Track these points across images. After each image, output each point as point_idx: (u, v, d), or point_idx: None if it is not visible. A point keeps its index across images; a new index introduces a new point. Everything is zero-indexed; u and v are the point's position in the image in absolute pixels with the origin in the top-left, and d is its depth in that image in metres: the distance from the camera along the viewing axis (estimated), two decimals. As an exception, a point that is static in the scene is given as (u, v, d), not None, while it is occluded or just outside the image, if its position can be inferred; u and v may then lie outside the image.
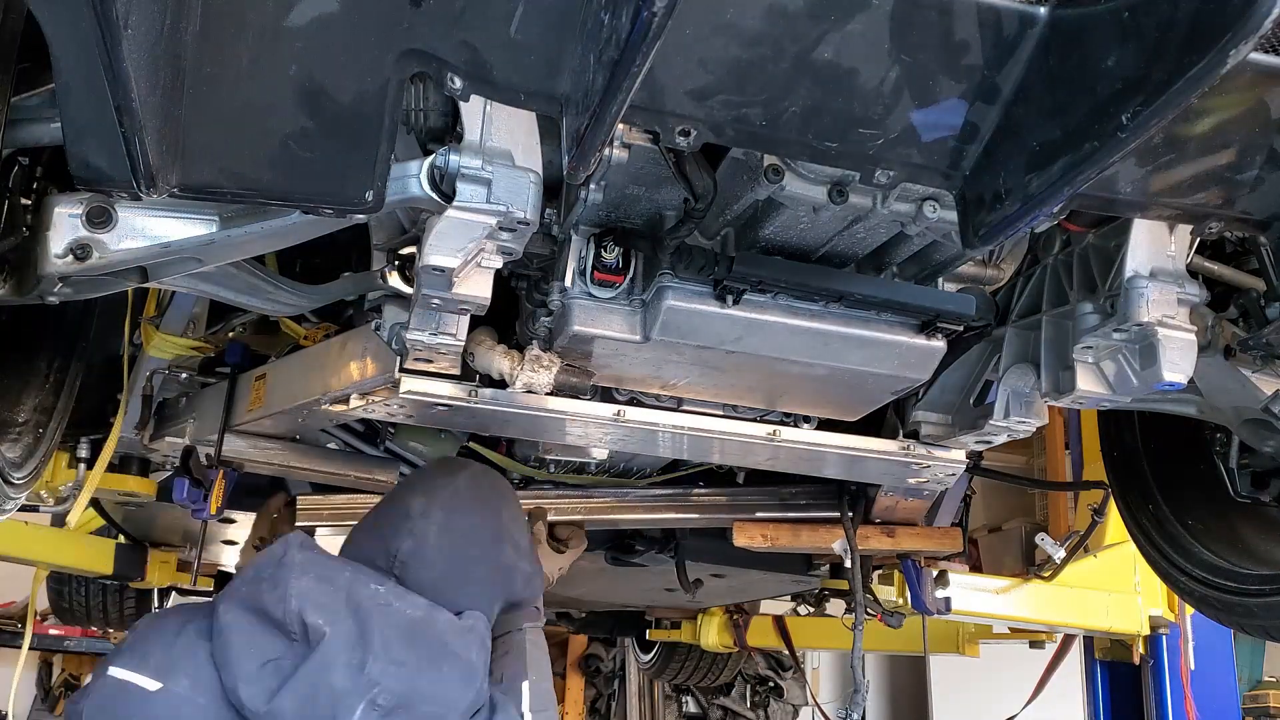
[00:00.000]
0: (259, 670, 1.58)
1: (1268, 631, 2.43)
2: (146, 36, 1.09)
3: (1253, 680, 7.48)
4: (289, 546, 1.73)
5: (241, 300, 1.96)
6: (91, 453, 2.67)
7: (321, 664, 1.57)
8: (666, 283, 1.72)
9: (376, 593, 1.70)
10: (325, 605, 1.63)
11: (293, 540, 1.76)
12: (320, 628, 1.59)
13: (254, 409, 2.32)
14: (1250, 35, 0.95)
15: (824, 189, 1.52)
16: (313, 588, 1.65)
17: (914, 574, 3.33)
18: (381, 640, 1.61)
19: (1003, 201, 1.27)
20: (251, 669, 1.59)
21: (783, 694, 7.96)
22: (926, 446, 2.38)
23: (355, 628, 1.61)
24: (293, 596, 1.62)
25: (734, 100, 1.25)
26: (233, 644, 1.61)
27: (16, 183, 1.54)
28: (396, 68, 1.26)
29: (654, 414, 2.18)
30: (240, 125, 1.27)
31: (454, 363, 1.95)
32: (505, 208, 1.47)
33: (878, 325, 1.82)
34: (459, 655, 1.70)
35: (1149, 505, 2.69)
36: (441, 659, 1.67)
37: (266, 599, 1.63)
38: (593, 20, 1.12)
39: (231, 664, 1.59)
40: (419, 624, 1.70)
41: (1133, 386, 1.82)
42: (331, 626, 1.60)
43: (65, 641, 8.27)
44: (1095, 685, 4.56)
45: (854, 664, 2.76)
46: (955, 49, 1.21)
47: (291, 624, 1.61)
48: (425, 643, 1.67)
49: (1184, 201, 1.45)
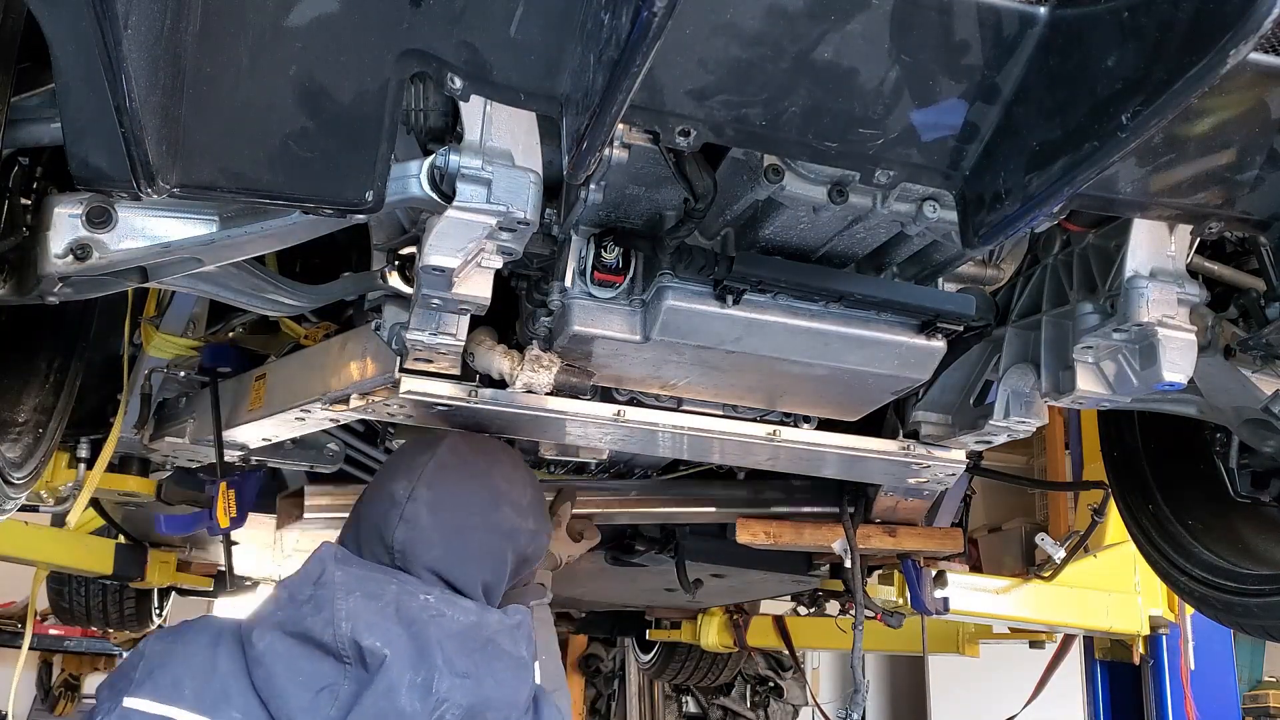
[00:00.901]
0: (314, 699, 1.51)
1: (1268, 631, 2.43)
2: (146, 36, 1.09)
3: (1253, 680, 7.47)
4: (325, 564, 1.66)
5: (241, 300, 1.96)
6: (91, 453, 2.67)
7: (387, 688, 1.51)
8: (666, 283, 1.72)
9: (427, 604, 1.64)
10: (377, 625, 1.56)
11: (327, 556, 1.68)
12: (379, 650, 1.53)
13: (254, 409, 2.32)
14: (1250, 35, 0.95)
15: (824, 189, 1.51)
16: (362, 607, 1.58)
17: (914, 574, 3.33)
18: (443, 655, 1.56)
19: (1003, 201, 1.27)
20: (305, 699, 1.51)
21: (783, 694, 7.96)
22: (926, 446, 2.38)
23: (413, 645, 1.55)
24: (343, 620, 1.55)
25: (734, 100, 1.25)
26: (277, 673, 1.53)
27: (16, 183, 1.55)
28: (396, 68, 1.26)
29: (654, 414, 2.18)
30: (240, 125, 1.27)
31: (454, 363, 1.95)
32: (505, 208, 1.47)
33: (878, 325, 1.82)
34: (512, 654, 1.67)
35: (1149, 505, 2.69)
36: (496, 660, 1.63)
37: (310, 623, 1.56)
38: (593, 20, 1.12)
39: (282, 694, 1.51)
40: (473, 630, 1.65)
41: (1133, 386, 1.82)
42: (390, 648, 1.53)
43: (65, 641, 8.29)
44: (1095, 685, 4.56)
45: (854, 664, 2.76)
46: (955, 49, 1.21)
47: (344, 647, 1.54)
48: (481, 648, 1.63)
49: (1184, 201, 1.45)
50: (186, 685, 1.53)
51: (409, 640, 1.56)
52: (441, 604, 1.67)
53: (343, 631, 1.54)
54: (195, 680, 1.54)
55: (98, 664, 8.90)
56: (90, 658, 8.80)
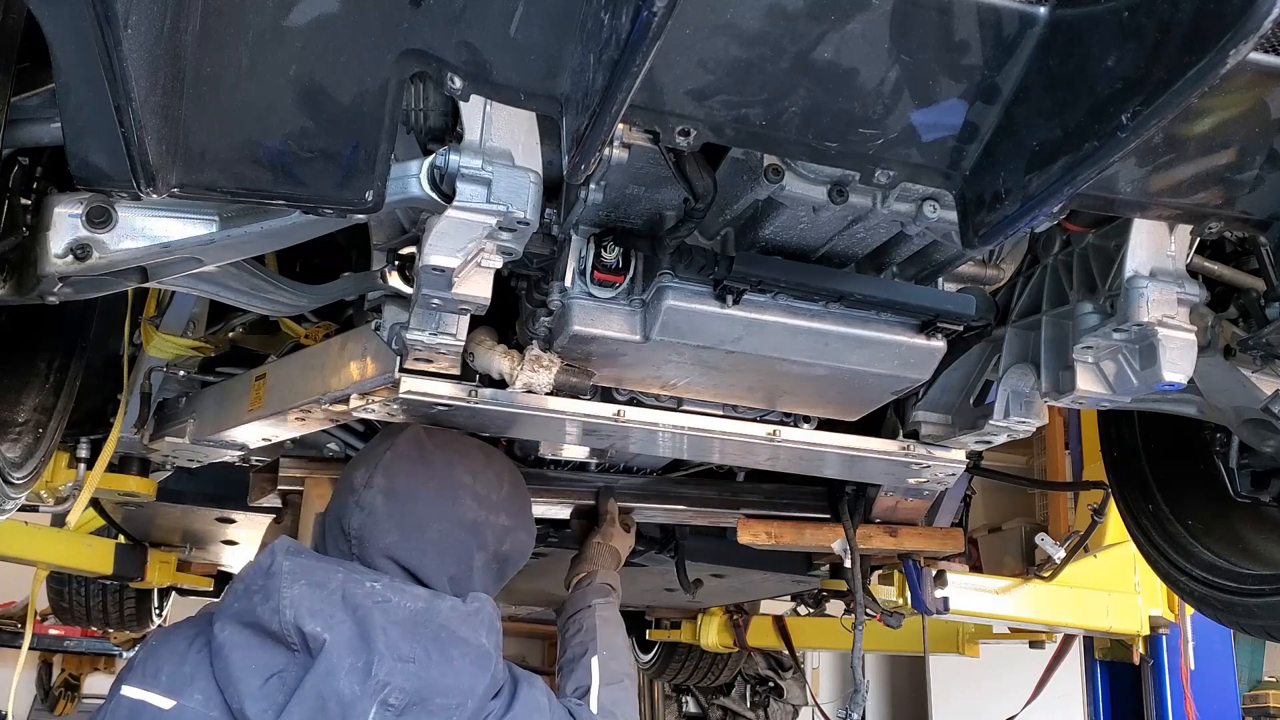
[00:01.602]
0: (263, 686, 1.55)
1: (1268, 631, 2.43)
2: (146, 36, 1.09)
3: (1253, 680, 7.47)
4: (275, 554, 1.69)
5: (241, 300, 1.96)
6: (91, 453, 2.66)
7: (326, 672, 1.54)
8: (666, 283, 1.72)
9: (373, 590, 1.66)
10: (321, 611, 1.59)
11: (279, 547, 1.71)
12: (319, 635, 1.56)
13: (254, 409, 2.32)
14: (1250, 35, 0.95)
15: (824, 189, 1.52)
16: (306, 594, 1.61)
17: (914, 574, 3.33)
18: (385, 639, 1.58)
19: (1003, 201, 1.27)
20: (255, 685, 1.55)
21: (783, 694, 7.95)
22: (926, 446, 2.38)
23: (355, 630, 1.58)
24: (286, 606, 1.58)
25: (734, 100, 1.25)
26: (233, 661, 1.57)
27: (16, 183, 1.54)
28: (396, 68, 1.26)
29: (654, 414, 2.18)
30: (240, 125, 1.27)
31: (454, 363, 1.95)
32: (505, 208, 1.47)
33: (878, 325, 1.82)
34: (468, 640, 1.67)
35: (1149, 505, 2.69)
36: (450, 647, 1.64)
37: (260, 611, 1.60)
38: (593, 20, 1.12)
39: (235, 682, 1.56)
40: (421, 615, 1.66)
41: (1133, 386, 1.82)
42: (331, 633, 1.56)
43: (65, 641, 8.28)
44: (1095, 685, 4.56)
45: (854, 664, 2.75)
46: (955, 49, 1.21)
47: (289, 634, 1.57)
48: (430, 634, 1.64)
49: (1184, 201, 1.45)
50: (164, 672, 1.61)
51: (352, 625, 1.58)
52: (389, 590, 1.68)
53: (287, 619, 1.58)
54: (170, 667, 1.62)
55: (98, 664, 8.89)
56: (90, 658, 8.80)
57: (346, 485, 1.90)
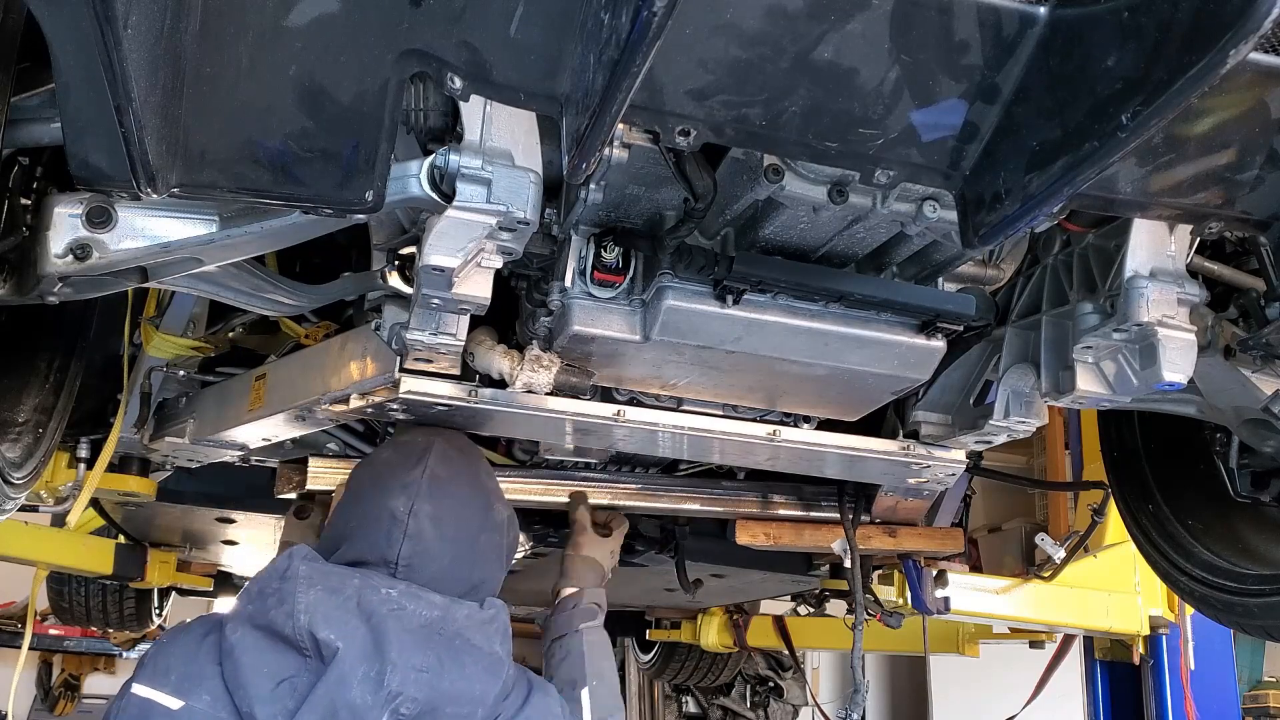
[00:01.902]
0: (274, 690, 1.55)
1: (1268, 631, 2.43)
2: (146, 36, 1.09)
3: (1253, 680, 7.48)
4: (292, 559, 1.69)
5: (241, 300, 1.96)
6: (91, 453, 2.66)
7: (338, 680, 1.54)
8: (666, 283, 1.72)
9: (388, 597, 1.66)
10: (335, 618, 1.59)
11: (296, 552, 1.71)
12: (332, 643, 1.55)
13: (254, 409, 2.32)
14: (1250, 35, 0.95)
15: (824, 189, 1.52)
16: (322, 600, 1.61)
17: (914, 574, 3.33)
18: (398, 648, 1.57)
19: (1003, 201, 1.27)
20: (266, 689, 1.55)
21: (783, 694, 7.95)
22: (926, 446, 2.38)
23: (369, 638, 1.57)
24: (301, 612, 1.58)
25: (734, 100, 1.25)
26: (244, 664, 1.57)
27: (16, 183, 1.54)
28: (396, 68, 1.26)
29: (654, 414, 2.18)
30: (240, 125, 1.27)
31: (454, 363, 1.95)
32: (505, 208, 1.47)
33: (877, 325, 1.82)
34: (481, 648, 1.67)
35: (1149, 505, 2.69)
36: (463, 655, 1.64)
37: (274, 615, 1.59)
38: (593, 20, 1.12)
39: (245, 685, 1.55)
40: (437, 623, 1.66)
41: (1133, 386, 1.82)
42: (344, 640, 1.56)
43: (65, 641, 8.29)
44: (1095, 685, 4.56)
45: (854, 664, 2.75)
46: (955, 49, 1.21)
47: (302, 640, 1.57)
48: (445, 642, 1.64)
49: (1184, 201, 1.45)
50: (174, 671, 1.61)
51: (366, 633, 1.58)
52: (404, 598, 1.68)
53: (301, 624, 1.57)
54: (180, 667, 1.62)
55: (98, 664, 8.90)
56: (90, 658, 8.81)
57: (383, 513, 1.82)
